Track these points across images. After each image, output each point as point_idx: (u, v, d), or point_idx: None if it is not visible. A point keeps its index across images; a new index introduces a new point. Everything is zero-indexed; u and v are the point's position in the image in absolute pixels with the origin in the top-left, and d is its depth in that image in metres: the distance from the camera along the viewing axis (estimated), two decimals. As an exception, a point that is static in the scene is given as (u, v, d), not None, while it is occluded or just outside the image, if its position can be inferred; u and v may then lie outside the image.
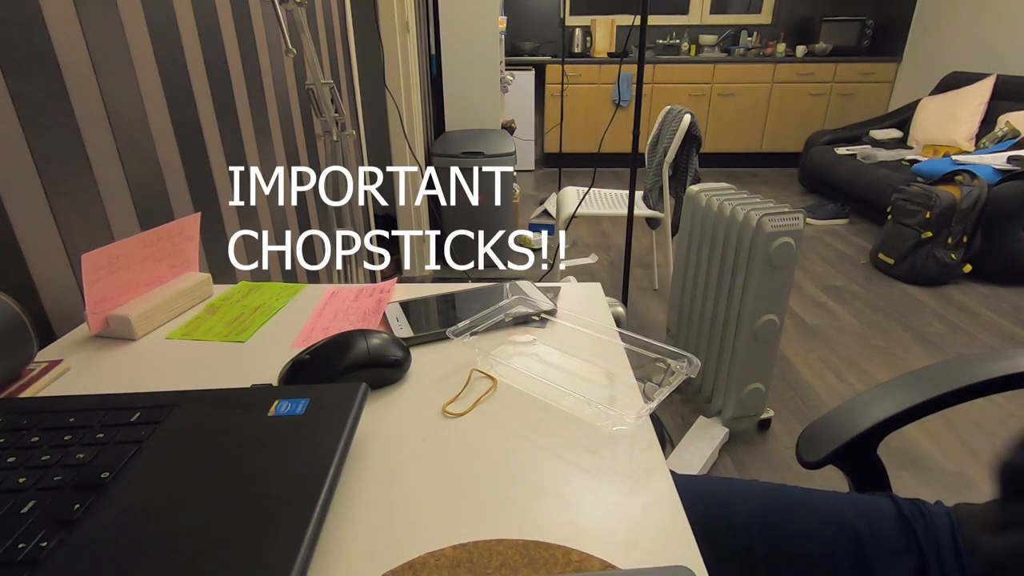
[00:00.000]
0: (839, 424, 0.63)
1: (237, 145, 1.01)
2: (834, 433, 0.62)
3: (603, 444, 0.41)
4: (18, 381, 0.49)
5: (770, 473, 1.47)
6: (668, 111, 2.25)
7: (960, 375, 0.63)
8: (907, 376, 0.66)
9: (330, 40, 1.60)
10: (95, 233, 0.66)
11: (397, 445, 0.41)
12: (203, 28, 0.89)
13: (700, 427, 1.57)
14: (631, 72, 4.37)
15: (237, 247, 1.01)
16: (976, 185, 2.54)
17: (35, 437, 0.37)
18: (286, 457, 0.36)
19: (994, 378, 0.62)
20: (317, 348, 0.49)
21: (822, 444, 0.62)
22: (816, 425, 0.64)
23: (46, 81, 0.59)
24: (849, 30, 4.48)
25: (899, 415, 0.62)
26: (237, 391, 0.43)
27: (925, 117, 3.67)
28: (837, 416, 0.64)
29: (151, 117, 0.77)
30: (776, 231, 1.36)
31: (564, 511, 0.35)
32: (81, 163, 0.64)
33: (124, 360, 0.54)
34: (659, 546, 0.32)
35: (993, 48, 3.66)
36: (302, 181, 1.34)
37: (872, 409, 0.63)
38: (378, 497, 0.36)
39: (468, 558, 0.31)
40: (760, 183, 4.40)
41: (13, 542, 0.29)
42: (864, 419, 0.62)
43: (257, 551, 0.29)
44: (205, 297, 0.66)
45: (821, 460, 0.61)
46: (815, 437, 0.63)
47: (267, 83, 1.14)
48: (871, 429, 0.62)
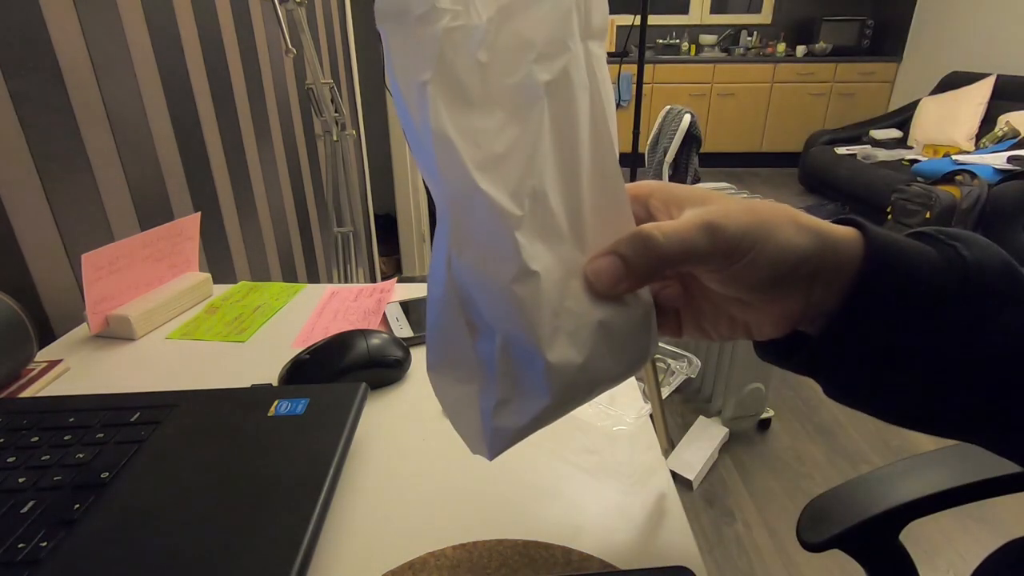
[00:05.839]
0: (852, 500, 0.50)
1: (237, 145, 1.01)
2: (845, 510, 0.49)
3: (603, 444, 0.41)
4: (18, 381, 0.49)
5: (770, 473, 1.47)
6: (668, 111, 2.25)
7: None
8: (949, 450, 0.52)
9: (330, 40, 1.60)
10: (95, 233, 0.66)
11: (397, 445, 0.41)
12: (203, 28, 0.89)
13: (700, 427, 1.57)
14: (631, 72, 4.37)
15: (237, 247, 1.01)
16: (976, 185, 2.54)
17: (35, 437, 0.37)
18: (286, 457, 0.36)
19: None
20: (317, 348, 0.49)
21: (828, 523, 0.49)
22: (823, 499, 0.51)
23: (46, 81, 0.59)
24: (849, 30, 4.47)
25: (933, 496, 0.49)
26: (237, 391, 0.43)
27: (925, 117, 3.66)
28: (850, 490, 0.51)
29: (151, 117, 0.77)
30: (776, 231, 1.36)
31: (564, 511, 0.35)
32: (81, 163, 0.64)
33: (124, 360, 0.54)
34: (659, 546, 0.32)
35: (993, 48, 3.66)
36: (302, 181, 1.34)
37: (897, 486, 0.50)
38: (378, 497, 0.36)
39: (468, 558, 0.31)
40: (760, 183, 4.40)
41: (13, 542, 0.29)
42: (885, 498, 0.49)
43: (257, 551, 0.29)
44: (205, 297, 0.66)
45: (825, 542, 0.48)
46: (821, 512, 0.50)
47: (267, 83, 1.14)
48: (894, 510, 0.49)
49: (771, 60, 4.42)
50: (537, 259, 0.22)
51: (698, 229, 0.24)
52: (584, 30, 0.23)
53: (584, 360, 0.23)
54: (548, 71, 0.22)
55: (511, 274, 0.21)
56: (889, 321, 0.24)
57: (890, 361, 0.25)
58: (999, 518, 1.31)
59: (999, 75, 3.41)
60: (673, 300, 0.29)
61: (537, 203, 0.22)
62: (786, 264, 0.24)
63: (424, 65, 0.21)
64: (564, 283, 0.23)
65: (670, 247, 0.24)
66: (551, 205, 0.23)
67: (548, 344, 0.22)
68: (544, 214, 0.22)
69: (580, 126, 0.23)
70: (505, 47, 0.21)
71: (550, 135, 0.22)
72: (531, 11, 0.22)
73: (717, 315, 0.29)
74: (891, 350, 0.24)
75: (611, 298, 0.24)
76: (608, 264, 0.24)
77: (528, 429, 0.24)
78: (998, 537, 0.47)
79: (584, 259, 0.24)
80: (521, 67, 0.22)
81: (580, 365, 0.23)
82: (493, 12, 0.21)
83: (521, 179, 0.22)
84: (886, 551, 0.52)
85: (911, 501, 0.49)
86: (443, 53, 0.21)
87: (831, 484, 0.72)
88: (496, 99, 0.22)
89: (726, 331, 0.29)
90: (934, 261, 0.24)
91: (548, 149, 0.22)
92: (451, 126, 0.21)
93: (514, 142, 0.22)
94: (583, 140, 0.23)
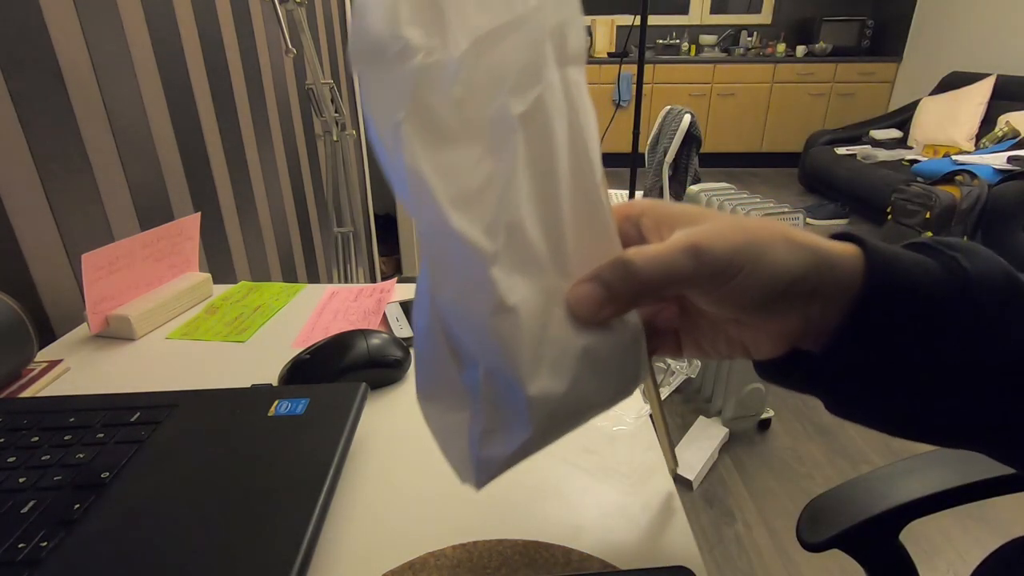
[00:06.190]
0: (851, 500, 0.51)
1: (237, 145, 1.01)
2: (844, 510, 0.50)
3: (603, 444, 0.41)
4: (18, 381, 0.49)
5: (770, 473, 1.47)
6: (668, 111, 2.25)
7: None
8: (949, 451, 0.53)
9: (330, 40, 1.60)
10: (95, 233, 0.66)
11: (397, 445, 0.41)
12: (203, 28, 0.89)
13: (700, 427, 1.57)
14: (631, 72, 4.37)
15: (237, 247, 1.01)
16: (976, 185, 2.54)
17: (35, 437, 0.37)
18: (286, 457, 0.36)
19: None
20: (317, 348, 0.49)
21: (828, 523, 0.49)
22: (823, 499, 0.52)
23: (46, 81, 0.59)
24: (849, 30, 4.47)
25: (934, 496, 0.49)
26: (237, 391, 0.43)
27: (925, 117, 3.66)
28: (850, 490, 0.52)
29: (151, 117, 0.77)
30: (776, 231, 1.36)
31: (564, 511, 0.35)
32: (81, 163, 0.64)
33: (124, 360, 0.54)
34: (659, 546, 0.32)
35: (993, 48, 3.66)
36: (302, 181, 1.34)
37: (898, 486, 0.51)
38: (378, 497, 0.36)
39: (468, 558, 0.31)
40: (760, 183, 4.40)
41: (13, 542, 0.29)
42: (885, 497, 0.50)
43: (257, 551, 0.29)
44: (205, 297, 0.66)
45: (825, 542, 0.49)
46: (820, 512, 0.51)
47: (267, 83, 1.14)
48: (894, 510, 0.49)
49: (771, 60, 4.42)
50: (515, 292, 0.22)
51: (681, 252, 0.23)
52: (560, 57, 0.23)
53: (566, 389, 0.23)
54: (522, 102, 0.22)
55: (488, 310, 0.21)
56: (892, 336, 0.24)
57: (894, 376, 0.24)
58: (999, 518, 1.31)
59: (999, 75, 3.41)
60: (670, 321, 0.29)
61: (513, 236, 0.22)
62: (779, 284, 0.23)
63: (398, 104, 0.21)
64: (546, 312, 0.23)
65: (651, 272, 0.23)
66: (529, 236, 0.22)
67: (529, 377, 0.22)
68: (521, 246, 0.22)
69: (558, 154, 0.23)
70: (479, 80, 0.21)
71: (526, 166, 0.22)
72: (505, 43, 0.21)
73: (715, 334, 0.29)
74: (895, 365, 0.24)
75: (596, 324, 0.24)
76: (589, 291, 0.23)
77: (514, 459, 0.23)
78: (998, 537, 0.47)
79: (567, 286, 0.24)
80: (495, 100, 0.21)
81: (562, 394, 0.23)
82: (467, 45, 0.21)
83: (496, 213, 0.21)
84: (886, 551, 0.52)
85: (911, 501, 0.49)
86: (417, 90, 0.21)
87: (831, 484, 0.72)
88: (472, 133, 0.21)
89: (724, 350, 0.29)
90: (935, 273, 0.24)
91: (524, 180, 0.22)
92: (425, 164, 0.21)
93: (489, 176, 0.22)
94: (562, 168, 0.23)
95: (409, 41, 0.20)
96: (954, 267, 0.24)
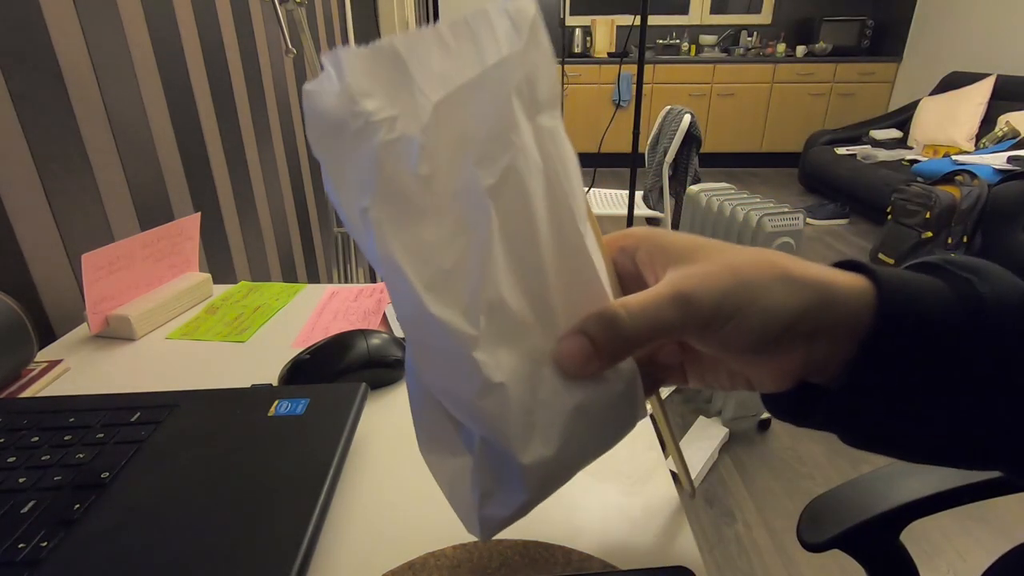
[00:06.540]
0: (852, 500, 0.51)
1: (237, 145, 1.01)
2: (845, 510, 0.50)
3: (603, 444, 0.41)
4: (18, 381, 0.49)
5: (770, 473, 1.47)
6: (668, 111, 2.25)
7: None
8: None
9: (330, 40, 1.60)
10: (95, 233, 0.66)
11: (397, 445, 0.41)
12: (203, 28, 0.89)
13: (700, 427, 1.57)
14: (631, 72, 4.37)
15: (237, 247, 1.01)
16: (976, 185, 2.54)
17: (35, 437, 0.37)
18: (286, 457, 0.36)
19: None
20: (317, 348, 0.49)
21: (828, 523, 0.49)
22: (824, 499, 0.52)
23: (46, 81, 0.59)
24: (849, 30, 4.47)
25: (934, 496, 0.49)
26: (237, 391, 0.43)
27: (925, 117, 3.66)
28: (850, 490, 0.52)
29: (151, 117, 0.77)
30: (776, 231, 1.36)
31: (564, 511, 0.35)
32: (81, 163, 0.64)
33: (124, 360, 0.54)
34: (659, 546, 0.32)
35: (993, 48, 3.66)
36: (302, 181, 1.34)
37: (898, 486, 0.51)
38: (378, 497, 0.36)
39: (468, 558, 0.31)
40: (760, 183, 4.40)
41: (13, 542, 0.29)
42: (885, 498, 0.50)
43: (257, 551, 0.29)
44: (205, 297, 0.66)
45: (825, 542, 0.49)
46: (820, 513, 0.51)
47: (267, 83, 1.14)
48: (894, 511, 0.49)
49: (771, 60, 4.42)
50: (501, 368, 0.21)
51: (668, 302, 0.22)
52: (530, 107, 0.21)
53: (558, 450, 0.22)
54: (491, 174, 0.20)
55: (475, 392, 0.21)
56: (909, 368, 0.23)
57: (912, 406, 0.24)
58: (999, 518, 1.31)
59: (999, 75, 3.42)
60: (673, 355, 0.29)
61: (494, 313, 0.21)
62: (774, 327, 0.23)
63: (364, 188, 0.20)
64: (534, 375, 0.22)
65: (637, 326, 0.22)
66: (511, 308, 0.21)
67: (522, 447, 0.22)
68: (504, 319, 0.21)
69: (536, 216, 0.22)
70: (445, 153, 0.20)
71: (501, 238, 0.21)
72: (470, 105, 0.20)
73: (716, 370, 0.29)
74: (912, 395, 0.23)
75: (586, 377, 0.23)
76: (576, 346, 0.22)
77: (514, 517, 0.24)
78: (998, 537, 0.47)
79: (556, 341, 0.23)
80: (464, 171, 0.20)
81: (556, 456, 0.22)
82: (429, 115, 0.20)
83: (473, 293, 0.21)
84: (886, 551, 0.52)
85: (911, 501, 0.49)
86: (382, 170, 0.19)
87: (831, 484, 0.72)
88: (443, 209, 0.21)
89: (727, 384, 0.29)
90: (948, 300, 0.23)
91: (500, 252, 0.21)
92: (397, 248, 0.20)
93: (463, 253, 0.21)
94: (541, 228, 0.22)
95: (370, 116, 0.19)
96: (967, 291, 0.23)
